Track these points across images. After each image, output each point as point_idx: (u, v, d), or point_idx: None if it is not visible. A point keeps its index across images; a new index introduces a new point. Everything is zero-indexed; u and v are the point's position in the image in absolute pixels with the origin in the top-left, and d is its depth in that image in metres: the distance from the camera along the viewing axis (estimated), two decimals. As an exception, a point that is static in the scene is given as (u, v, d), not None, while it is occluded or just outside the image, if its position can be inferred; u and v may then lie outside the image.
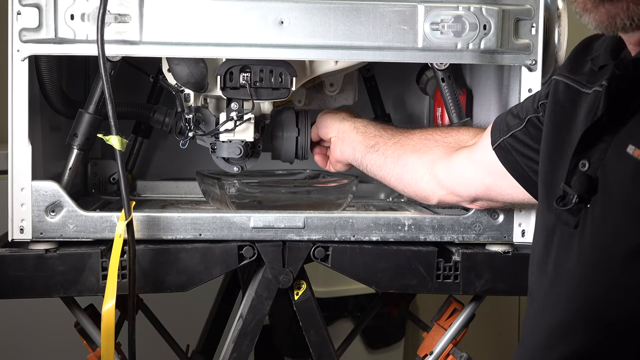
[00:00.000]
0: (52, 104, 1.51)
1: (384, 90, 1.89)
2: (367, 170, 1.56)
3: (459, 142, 1.47)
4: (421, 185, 1.48)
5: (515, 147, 1.32)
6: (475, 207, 1.48)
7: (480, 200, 1.45)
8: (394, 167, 1.50)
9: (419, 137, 1.51)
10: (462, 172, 1.42)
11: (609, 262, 0.98)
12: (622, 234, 0.96)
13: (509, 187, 1.35)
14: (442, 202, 1.49)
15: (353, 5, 1.43)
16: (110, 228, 1.44)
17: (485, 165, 1.37)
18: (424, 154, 1.48)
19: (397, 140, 1.52)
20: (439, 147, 1.48)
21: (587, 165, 1.03)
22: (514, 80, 1.55)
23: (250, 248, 1.47)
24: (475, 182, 1.41)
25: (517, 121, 1.32)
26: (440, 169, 1.44)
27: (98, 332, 1.48)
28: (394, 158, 1.50)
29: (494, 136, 1.35)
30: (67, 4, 1.39)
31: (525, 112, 1.31)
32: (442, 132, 1.51)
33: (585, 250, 1.01)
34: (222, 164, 1.63)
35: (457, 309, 1.61)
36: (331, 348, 1.52)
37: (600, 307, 0.99)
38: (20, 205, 1.43)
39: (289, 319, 2.56)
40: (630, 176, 0.95)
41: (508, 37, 1.47)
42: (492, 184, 1.38)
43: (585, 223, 1.02)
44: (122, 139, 1.39)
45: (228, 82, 1.50)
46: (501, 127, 1.35)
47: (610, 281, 0.98)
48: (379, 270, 1.49)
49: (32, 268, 1.41)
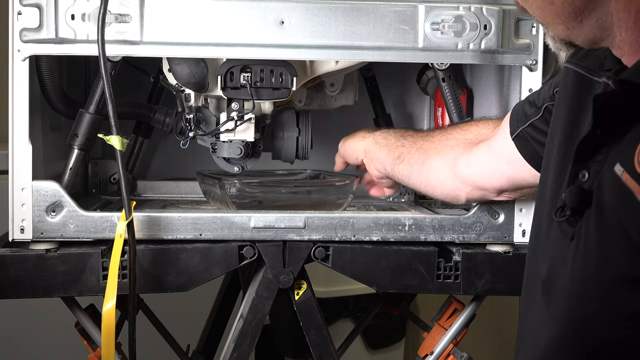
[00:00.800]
0: (52, 104, 1.51)
1: (385, 90, 1.89)
2: (400, 181, 1.56)
3: (479, 137, 1.46)
4: (447, 186, 1.46)
5: (534, 136, 1.30)
6: (503, 199, 1.47)
7: (506, 191, 1.43)
8: (420, 173, 1.49)
9: (439, 139, 1.50)
10: (484, 165, 1.40)
11: (598, 283, 0.95)
12: (609, 256, 0.94)
13: (531, 176, 1.33)
14: (470, 199, 1.47)
15: (353, 5, 1.43)
16: (110, 228, 1.44)
17: (506, 155, 1.36)
18: (445, 154, 1.46)
19: (419, 146, 1.50)
20: (459, 145, 1.46)
21: (586, 175, 1.00)
22: (514, 80, 1.55)
23: (250, 248, 1.47)
24: (497, 174, 1.40)
25: (534, 110, 1.31)
26: (462, 165, 1.43)
27: (98, 332, 1.48)
28: (419, 165, 1.49)
29: (513, 126, 1.34)
30: (67, 4, 1.39)
31: (542, 100, 1.30)
32: (462, 129, 1.50)
33: (579, 265, 0.99)
34: (222, 164, 1.63)
35: (457, 309, 1.61)
36: (332, 348, 1.52)
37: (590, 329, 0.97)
38: (21, 205, 1.43)
39: (289, 319, 2.56)
40: (617, 198, 0.92)
41: (509, 37, 1.47)
42: (513, 173, 1.37)
43: (580, 237, 0.99)
44: (123, 139, 1.39)
45: (229, 82, 1.50)
46: (519, 117, 1.33)
47: (596, 302, 0.96)
48: (379, 270, 1.49)
49: (33, 268, 1.41)
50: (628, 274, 0.91)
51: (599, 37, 0.99)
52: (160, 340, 2.00)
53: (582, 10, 0.97)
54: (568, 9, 0.97)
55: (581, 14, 0.97)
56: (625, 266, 0.91)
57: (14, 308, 2.36)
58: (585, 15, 0.97)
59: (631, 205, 0.89)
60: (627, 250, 0.90)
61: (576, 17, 0.98)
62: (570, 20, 0.98)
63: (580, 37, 1.00)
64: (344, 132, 1.66)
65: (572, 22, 0.98)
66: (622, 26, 0.96)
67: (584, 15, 0.97)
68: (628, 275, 0.91)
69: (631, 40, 0.96)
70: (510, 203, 1.50)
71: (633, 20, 0.95)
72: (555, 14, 0.99)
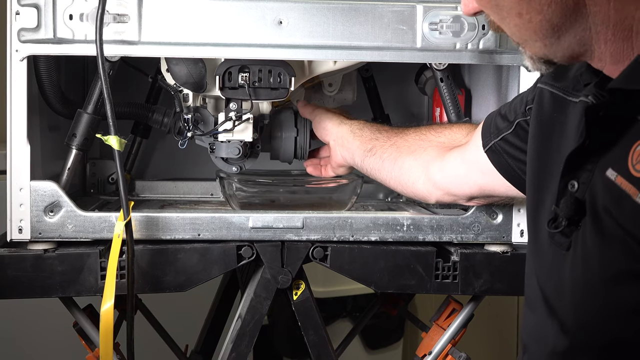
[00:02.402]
0: (50, 104, 1.51)
1: (383, 90, 1.89)
2: (367, 173, 1.57)
3: (452, 141, 1.48)
4: (418, 187, 1.48)
5: (506, 150, 1.32)
6: (473, 204, 1.49)
7: (476, 198, 1.45)
8: (391, 169, 1.51)
9: (413, 138, 1.51)
10: (456, 172, 1.42)
11: (599, 285, 0.96)
12: (608, 258, 0.94)
13: (502, 186, 1.35)
14: (439, 201, 1.50)
15: (352, 6, 1.43)
16: (109, 228, 1.44)
17: (478, 165, 1.37)
18: (419, 155, 1.48)
19: (393, 142, 1.52)
20: (433, 147, 1.48)
21: (576, 185, 1.01)
22: (512, 80, 1.55)
23: (249, 248, 1.47)
24: (469, 182, 1.41)
25: (506, 124, 1.32)
26: (435, 170, 1.45)
27: (97, 332, 1.48)
28: (391, 161, 1.50)
29: (485, 138, 1.35)
30: (65, 4, 1.39)
31: (514, 115, 1.31)
32: (436, 131, 1.51)
33: (578, 273, 0.99)
34: (220, 164, 1.63)
35: (455, 309, 1.61)
36: (330, 348, 1.52)
37: (592, 332, 0.98)
38: (19, 205, 1.42)
39: (287, 319, 2.56)
40: (611, 201, 0.93)
41: (507, 37, 1.45)
42: (485, 183, 1.39)
43: (576, 246, 1.00)
44: (121, 139, 1.39)
45: (227, 82, 1.50)
46: (491, 129, 1.35)
47: (599, 305, 0.96)
48: (377, 270, 1.49)
49: (31, 268, 1.41)
50: (633, 270, 0.92)
51: (577, 52, 1.00)
52: (158, 341, 2.00)
53: (560, 27, 0.98)
54: (546, 25, 0.98)
55: (559, 30, 0.98)
56: (629, 264, 0.92)
57: (12, 308, 2.36)
58: (563, 32, 0.98)
59: (630, 207, 0.90)
60: (631, 248, 0.91)
61: (554, 34, 0.98)
62: (548, 37, 0.99)
63: (558, 53, 1.01)
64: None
65: (550, 39, 0.99)
66: (600, 39, 0.97)
67: (562, 32, 0.98)
68: (633, 271, 0.92)
69: (612, 52, 0.98)
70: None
71: (612, 32, 0.96)
72: (533, 31, 0.99)
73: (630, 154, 0.91)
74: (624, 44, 0.96)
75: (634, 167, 0.91)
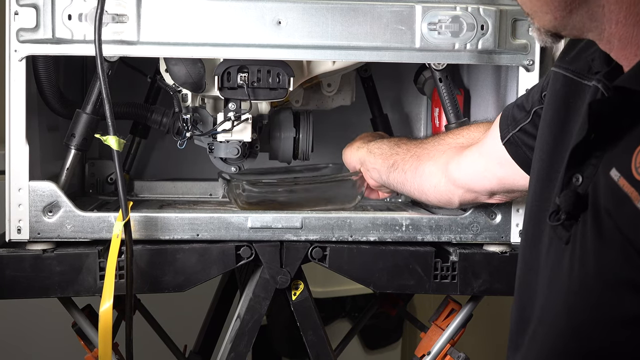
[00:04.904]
0: (49, 104, 1.51)
1: (382, 91, 1.89)
2: (395, 188, 1.57)
3: (470, 141, 1.46)
4: (440, 190, 1.46)
5: (524, 141, 1.30)
6: (495, 202, 1.47)
7: (497, 193, 1.43)
8: (413, 179, 1.50)
9: (432, 144, 1.51)
10: (474, 167, 1.41)
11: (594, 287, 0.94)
12: (605, 260, 0.93)
13: (522, 178, 1.33)
14: (463, 202, 1.47)
15: (350, 6, 1.43)
16: (107, 228, 1.44)
17: (496, 158, 1.36)
18: (437, 159, 1.47)
19: (413, 153, 1.51)
20: (451, 149, 1.47)
21: (580, 179, 1.00)
22: (511, 80, 1.55)
23: (247, 248, 1.47)
24: (488, 175, 1.40)
25: (523, 114, 1.31)
26: (453, 168, 1.43)
27: (95, 333, 1.48)
28: (412, 171, 1.49)
29: (503, 130, 1.34)
30: (64, 4, 1.38)
31: (531, 104, 1.30)
32: (454, 134, 1.50)
33: (575, 270, 0.98)
34: (219, 164, 1.63)
35: (454, 309, 1.61)
36: (329, 348, 1.52)
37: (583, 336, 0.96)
38: (18, 205, 1.42)
39: (286, 319, 2.56)
40: (613, 202, 0.92)
41: (505, 38, 1.47)
42: (504, 175, 1.37)
43: (575, 240, 0.99)
44: (120, 139, 1.39)
45: (226, 82, 1.50)
46: (509, 121, 1.33)
47: (588, 307, 0.95)
48: (376, 271, 1.49)
49: (30, 268, 1.41)
50: (629, 278, 0.90)
51: (587, 28, 0.99)
52: (157, 341, 2.00)
53: (573, 1, 0.96)
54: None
55: (572, 4, 0.97)
56: (625, 270, 0.90)
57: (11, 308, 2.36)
58: (576, 6, 0.97)
59: (629, 211, 0.89)
60: (628, 254, 0.90)
61: (566, 7, 0.97)
62: (560, 10, 0.98)
63: (567, 27, 1.00)
64: (341, 132, 1.66)
65: (562, 12, 0.98)
66: (612, 19, 0.96)
67: (574, 6, 0.97)
68: (629, 279, 0.90)
69: (620, 35, 0.96)
70: (507, 203, 1.50)
71: (624, 14, 0.95)
72: (545, 3, 0.98)
73: (634, 156, 0.90)
74: (634, 29, 0.95)
75: (637, 169, 0.90)
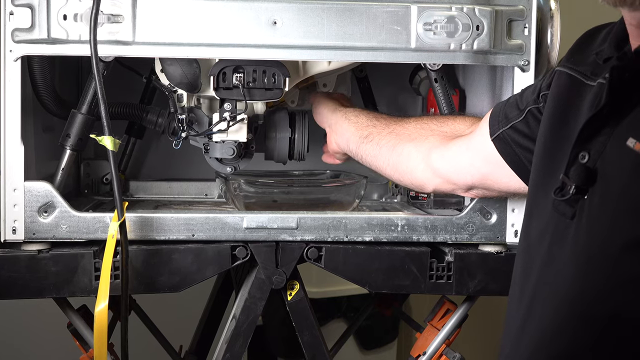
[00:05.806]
0: (44, 104, 1.50)
1: (377, 91, 1.89)
2: (363, 161, 1.56)
3: (455, 132, 1.47)
4: (417, 174, 1.47)
5: (514, 139, 1.31)
6: (469, 196, 1.48)
7: (475, 188, 1.44)
8: (389, 156, 1.50)
9: (414, 126, 1.51)
10: (459, 160, 1.41)
11: (604, 254, 0.97)
12: (618, 226, 0.96)
13: (506, 176, 1.35)
14: (437, 190, 1.49)
15: (346, 6, 1.43)
16: (103, 229, 1.44)
17: (483, 154, 1.37)
18: (420, 142, 1.47)
19: (391, 130, 1.51)
20: (435, 136, 1.47)
21: (586, 157, 1.02)
22: (506, 80, 1.55)
23: (243, 249, 1.47)
24: (472, 170, 1.40)
25: (516, 112, 1.32)
26: (436, 157, 1.44)
27: (91, 333, 1.48)
28: (389, 147, 1.49)
29: (493, 127, 1.35)
30: (59, 4, 1.38)
31: (525, 103, 1.31)
32: (438, 121, 1.51)
33: (581, 242, 1.00)
34: (215, 164, 1.63)
35: (450, 310, 1.61)
36: (324, 348, 1.52)
37: (592, 302, 0.98)
38: (13, 205, 1.42)
39: (282, 319, 2.55)
40: (629, 169, 0.95)
41: (501, 38, 1.47)
42: (488, 172, 1.38)
43: (582, 214, 1.01)
44: (115, 140, 1.39)
45: (221, 83, 1.50)
46: (500, 118, 1.34)
47: (604, 274, 0.97)
48: (372, 271, 1.49)
49: (25, 269, 1.41)
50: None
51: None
52: (152, 341, 1.99)
53: None
54: None
55: None
56: None
57: (6, 309, 2.36)
58: None
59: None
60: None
61: None
62: None
63: None
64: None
65: None
66: None
67: None
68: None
69: None
70: (503, 203, 1.50)
71: None
72: None
73: None
74: None
75: None
